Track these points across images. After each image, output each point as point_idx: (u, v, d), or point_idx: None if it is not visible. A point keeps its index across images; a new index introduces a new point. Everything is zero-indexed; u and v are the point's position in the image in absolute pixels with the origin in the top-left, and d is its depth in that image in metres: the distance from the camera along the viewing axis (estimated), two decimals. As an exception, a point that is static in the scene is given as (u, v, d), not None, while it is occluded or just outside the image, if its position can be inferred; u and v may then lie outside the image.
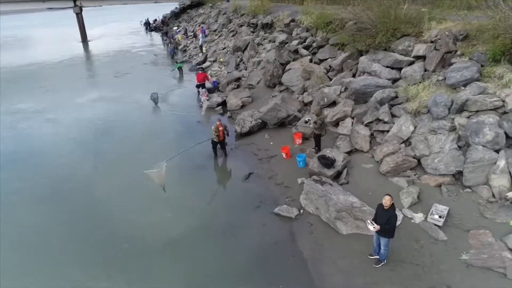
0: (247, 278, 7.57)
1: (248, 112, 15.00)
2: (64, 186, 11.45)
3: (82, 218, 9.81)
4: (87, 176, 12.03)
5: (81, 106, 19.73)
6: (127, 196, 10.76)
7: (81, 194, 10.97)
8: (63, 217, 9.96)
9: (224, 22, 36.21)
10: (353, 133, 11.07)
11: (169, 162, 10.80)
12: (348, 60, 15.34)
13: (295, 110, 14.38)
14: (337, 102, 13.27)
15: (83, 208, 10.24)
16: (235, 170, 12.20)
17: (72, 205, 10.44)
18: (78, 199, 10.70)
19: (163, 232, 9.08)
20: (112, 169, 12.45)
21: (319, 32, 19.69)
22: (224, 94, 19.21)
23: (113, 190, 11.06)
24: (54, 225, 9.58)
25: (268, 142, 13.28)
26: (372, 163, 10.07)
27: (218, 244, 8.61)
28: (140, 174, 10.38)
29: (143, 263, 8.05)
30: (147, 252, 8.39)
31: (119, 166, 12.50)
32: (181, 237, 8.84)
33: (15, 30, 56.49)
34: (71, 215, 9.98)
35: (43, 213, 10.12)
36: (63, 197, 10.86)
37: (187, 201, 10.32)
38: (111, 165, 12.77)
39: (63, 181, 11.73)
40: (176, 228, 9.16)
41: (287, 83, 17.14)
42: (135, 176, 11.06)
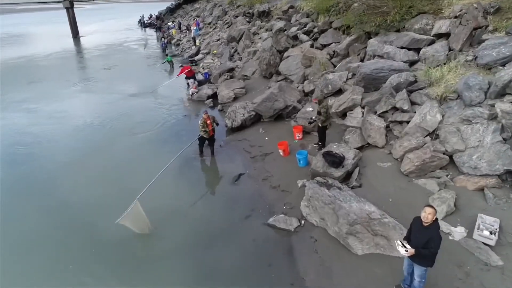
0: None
1: (240, 103, 13.03)
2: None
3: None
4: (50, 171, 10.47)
5: (63, 96, 18.37)
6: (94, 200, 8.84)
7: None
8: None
9: (219, 14, 34.28)
10: (364, 125, 9.08)
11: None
12: (354, 44, 13.37)
13: (294, 100, 12.41)
14: (343, 89, 11.30)
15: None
16: (222, 171, 10.23)
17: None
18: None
19: (125, 251, 7.12)
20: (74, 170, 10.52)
21: (321, 17, 17.75)
22: (215, 86, 17.24)
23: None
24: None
25: (263, 138, 11.31)
26: (390, 161, 8.08)
27: (193, 268, 6.64)
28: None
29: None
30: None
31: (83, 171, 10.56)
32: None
33: (11, 27, 55.33)
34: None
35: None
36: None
37: (160, 213, 8.26)
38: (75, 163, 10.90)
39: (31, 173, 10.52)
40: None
41: (286, 72, 15.16)
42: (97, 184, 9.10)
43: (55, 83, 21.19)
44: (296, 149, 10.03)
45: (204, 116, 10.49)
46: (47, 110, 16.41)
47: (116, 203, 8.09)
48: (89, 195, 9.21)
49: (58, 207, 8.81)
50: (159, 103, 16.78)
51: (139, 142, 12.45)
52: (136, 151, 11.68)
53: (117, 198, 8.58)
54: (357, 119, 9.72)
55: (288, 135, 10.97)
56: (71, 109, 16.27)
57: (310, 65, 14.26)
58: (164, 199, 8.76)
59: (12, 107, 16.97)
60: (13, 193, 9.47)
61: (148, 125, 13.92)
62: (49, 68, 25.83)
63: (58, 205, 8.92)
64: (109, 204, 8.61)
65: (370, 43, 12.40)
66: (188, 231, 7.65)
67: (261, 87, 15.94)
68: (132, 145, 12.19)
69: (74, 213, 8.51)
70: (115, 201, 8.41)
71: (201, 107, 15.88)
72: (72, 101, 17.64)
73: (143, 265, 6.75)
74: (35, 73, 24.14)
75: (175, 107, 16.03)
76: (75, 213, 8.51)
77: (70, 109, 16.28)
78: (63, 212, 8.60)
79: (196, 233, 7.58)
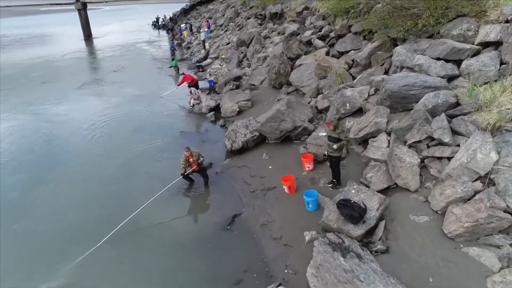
0: None
1: (243, 121, 11.23)
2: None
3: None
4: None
5: (68, 99, 18.28)
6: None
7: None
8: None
9: (231, 15, 32.64)
10: (392, 160, 7.13)
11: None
12: (377, 51, 11.38)
13: (305, 119, 10.53)
14: (364, 109, 9.34)
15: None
16: (214, 209, 8.45)
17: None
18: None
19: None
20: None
21: (339, 20, 15.79)
22: (219, 97, 15.51)
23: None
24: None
25: (266, 165, 9.47)
26: (427, 214, 6.12)
27: None
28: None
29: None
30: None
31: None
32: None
33: (33, 28, 57.10)
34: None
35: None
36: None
37: (128, 274, 6.56)
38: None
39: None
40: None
41: (297, 83, 13.29)
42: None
43: (64, 83, 21.40)
44: (305, 184, 8.17)
45: (186, 153, 8.78)
46: (50, 113, 16.20)
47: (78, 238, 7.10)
48: (61, 222, 8.21)
49: (24, 235, 7.86)
50: (155, 114, 15.29)
51: (122, 162, 11.00)
52: (115, 177, 10.21)
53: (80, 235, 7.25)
54: (381, 150, 7.76)
55: (296, 163, 9.11)
56: (72, 113, 15.88)
57: (325, 76, 12.35)
58: (129, 248, 7.13)
59: (21, 107, 17.16)
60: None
61: (138, 141, 12.43)
62: (61, 69, 26.08)
63: (25, 232, 7.90)
64: (71, 237, 7.61)
65: (396, 52, 10.41)
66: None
67: (269, 99, 14.13)
68: (114, 166, 10.82)
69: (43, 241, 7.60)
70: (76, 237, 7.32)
71: (202, 121, 14.19)
72: (75, 105, 17.27)
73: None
74: (48, 73, 24.50)
75: (172, 120, 14.39)
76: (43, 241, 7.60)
77: (71, 113, 15.90)
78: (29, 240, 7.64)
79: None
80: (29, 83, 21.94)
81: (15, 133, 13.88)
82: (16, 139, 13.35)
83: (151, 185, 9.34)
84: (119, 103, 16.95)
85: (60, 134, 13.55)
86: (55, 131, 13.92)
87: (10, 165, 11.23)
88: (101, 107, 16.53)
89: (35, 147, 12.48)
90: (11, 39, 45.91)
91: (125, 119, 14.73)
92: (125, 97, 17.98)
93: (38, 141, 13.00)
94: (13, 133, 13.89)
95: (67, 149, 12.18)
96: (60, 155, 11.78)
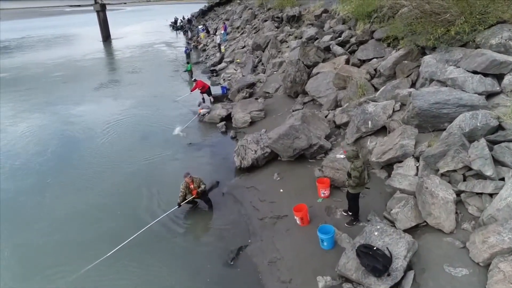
0: None
1: (253, 136, 10.39)
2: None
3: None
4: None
5: (84, 100, 18.57)
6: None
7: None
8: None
9: (248, 17, 31.81)
10: (422, 194, 6.12)
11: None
12: (403, 61, 10.32)
13: (321, 135, 9.60)
14: (388, 128, 8.32)
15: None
16: (218, 237, 7.61)
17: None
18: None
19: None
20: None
21: (360, 24, 14.74)
22: (230, 105, 14.72)
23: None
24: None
25: (277, 188, 8.58)
26: (467, 265, 5.10)
27: None
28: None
29: None
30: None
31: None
32: None
33: (58, 29, 58.82)
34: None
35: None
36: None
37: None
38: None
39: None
40: None
41: (314, 93, 12.35)
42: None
43: (83, 84, 21.90)
44: (319, 213, 7.25)
45: (186, 179, 8.00)
46: (67, 113, 16.44)
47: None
48: (62, 234, 7.93)
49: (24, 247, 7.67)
50: (167, 121, 14.82)
51: (129, 173, 10.60)
52: (120, 189, 9.80)
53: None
54: (409, 179, 6.74)
55: (310, 186, 8.20)
56: (87, 115, 16.05)
57: (344, 87, 11.37)
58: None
59: (41, 107, 17.58)
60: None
61: (147, 150, 12.03)
62: (81, 70, 26.80)
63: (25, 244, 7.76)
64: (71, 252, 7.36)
65: (425, 62, 9.36)
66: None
67: (284, 109, 13.25)
68: (120, 176, 10.51)
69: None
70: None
71: (212, 132, 13.43)
72: (91, 106, 17.53)
73: None
74: (69, 74, 25.31)
75: (180, 132, 13.68)
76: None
77: (86, 115, 16.08)
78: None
79: None
80: (51, 83, 22.81)
81: (31, 135, 14.11)
82: (32, 140, 13.62)
83: (154, 202, 8.97)
84: (133, 106, 16.92)
85: (74, 138, 13.64)
86: (69, 133, 14.05)
87: (21, 169, 11.32)
88: (116, 109, 16.62)
89: (48, 150, 12.58)
90: (37, 40, 47.45)
91: (137, 124, 14.60)
92: (139, 100, 17.93)
93: (52, 143, 13.14)
94: (28, 135, 14.14)
95: (78, 154, 12.14)
96: (70, 160, 11.74)
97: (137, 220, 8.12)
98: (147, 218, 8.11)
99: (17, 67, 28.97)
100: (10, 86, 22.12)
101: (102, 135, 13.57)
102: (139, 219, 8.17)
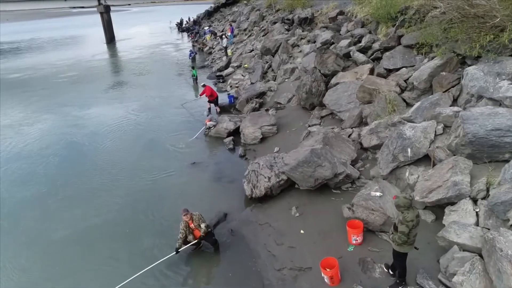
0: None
1: (266, 159, 8.98)
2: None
3: None
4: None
5: (91, 102, 18.44)
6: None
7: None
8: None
9: (256, 19, 30.48)
10: (492, 254, 4.67)
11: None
12: (441, 72, 8.86)
13: (347, 160, 8.16)
14: (433, 158, 6.86)
15: None
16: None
17: None
18: None
19: None
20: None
21: (382, 28, 13.33)
22: (239, 118, 13.33)
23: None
24: None
25: (297, 227, 7.17)
26: None
27: None
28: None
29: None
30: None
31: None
32: None
33: (65, 30, 59.88)
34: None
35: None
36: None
37: None
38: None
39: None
40: None
41: (333, 107, 10.93)
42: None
43: (90, 85, 22.21)
44: (351, 267, 5.83)
45: (185, 218, 6.65)
46: (72, 117, 16.35)
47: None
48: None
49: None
50: (170, 131, 13.86)
51: (124, 195, 9.61)
52: (117, 211, 8.87)
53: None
54: (469, 231, 5.28)
55: (337, 226, 6.79)
56: (93, 119, 15.89)
57: (370, 101, 9.93)
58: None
59: (51, 108, 17.69)
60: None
61: (147, 167, 10.99)
62: (88, 71, 27.07)
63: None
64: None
65: (469, 74, 7.91)
66: None
67: (299, 123, 11.86)
68: (116, 197, 9.57)
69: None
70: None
71: (218, 148, 12.09)
72: (97, 109, 17.41)
73: None
74: (77, 75, 25.70)
75: (184, 145, 12.40)
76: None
77: (91, 119, 15.95)
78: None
79: None
80: (60, 84, 23.24)
81: (38, 139, 13.99)
82: (37, 145, 13.43)
83: (149, 240, 7.67)
84: (138, 111, 16.54)
85: (77, 144, 13.30)
86: (73, 140, 13.73)
87: (22, 177, 11.02)
88: (121, 113, 16.38)
89: (49, 158, 12.24)
90: (45, 41, 48.32)
91: (141, 131, 14.10)
92: (143, 104, 17.57)
93: (57, 148, 13.01)
94: (35, 139, 14.01)
95: (78, 164, 11.65)
96: (68, 173, 11.02)
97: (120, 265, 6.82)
98: (136, 261, 6.80)
99: (28, 68, 29.44)
100: (24, 87, 22.79)
101: (105, 141, 13.19)
102: (126, 262, 6.88)
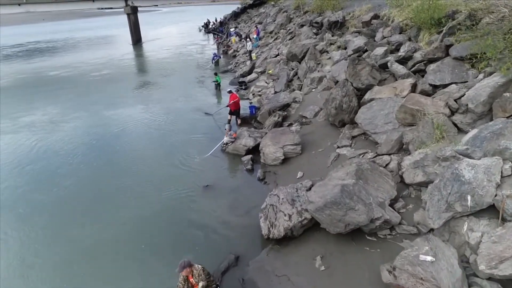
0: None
1: (287, 191, 7.71)
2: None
3: None
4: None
5: (116, 104, 18.77)
6: None
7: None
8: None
9: (283, 21, 29.14)
10: None
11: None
12: (504, 93, 7.26)
13: (385, 199, 6.74)
14: (501, 211, 5.33)
15: None
16: None
17: None
18: None
19: None
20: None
21: (424, 35, 11.71)
22: (259, 133, 12.11)
23: None
24: None
25: (322, 284, 5.85)
26: None
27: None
28: None
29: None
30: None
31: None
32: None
33: (98, 30, 62.04)
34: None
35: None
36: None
37: None
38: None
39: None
40: None
41: (367, 126, 9.48)
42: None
43: (119, 85, 23.20)
44: None
45: (183, 273, 5.49)
46: (100, 115, 16.91)
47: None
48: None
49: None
50: (185, 142, 13.24)
51: (133, 216, 8.92)
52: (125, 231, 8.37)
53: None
54: None
55: (371, 285, 5.43)
56: (118, 119, 16.22)
57: (412, 124, 8.42)
58: None
59: (82, 107, 18.38)
60: None
61: (156, 184, 10.34)
62: (118, 71, 28.19)
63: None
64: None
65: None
66: None
67: (326, 142, 10.51)
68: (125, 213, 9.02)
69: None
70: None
71: (235, 169, 10.95)
72: (122, 110, 17.74)
73: None
74: (108, 74, 26.84)
75: (198, 158, 11.38)
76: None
77: (117, 119, 16.31)
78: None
79: None
80: (93, 82, 24.44)
81: (60, 140, 14.30)
82: (58, 145, 13.75)
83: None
84: (158, 115, 16.57)
85: (97, 147, 13.41)
86: (95, 141, 13.99)
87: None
88: (142, 116, 16.58)
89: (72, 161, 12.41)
90: (79, 40, 50.72)
91: (158, 139, 13.80)
92: (167, 107, 17.73)
93: (77, 150, 13.14)
94: (57, 140, 14.32)
95: (95, 170, 11.61)
96: (81, 183, 10.86)
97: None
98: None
99: (64, 66, 31.16)
100: (60, 83, 24.40)
101: (125, 146, 13.28)
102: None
